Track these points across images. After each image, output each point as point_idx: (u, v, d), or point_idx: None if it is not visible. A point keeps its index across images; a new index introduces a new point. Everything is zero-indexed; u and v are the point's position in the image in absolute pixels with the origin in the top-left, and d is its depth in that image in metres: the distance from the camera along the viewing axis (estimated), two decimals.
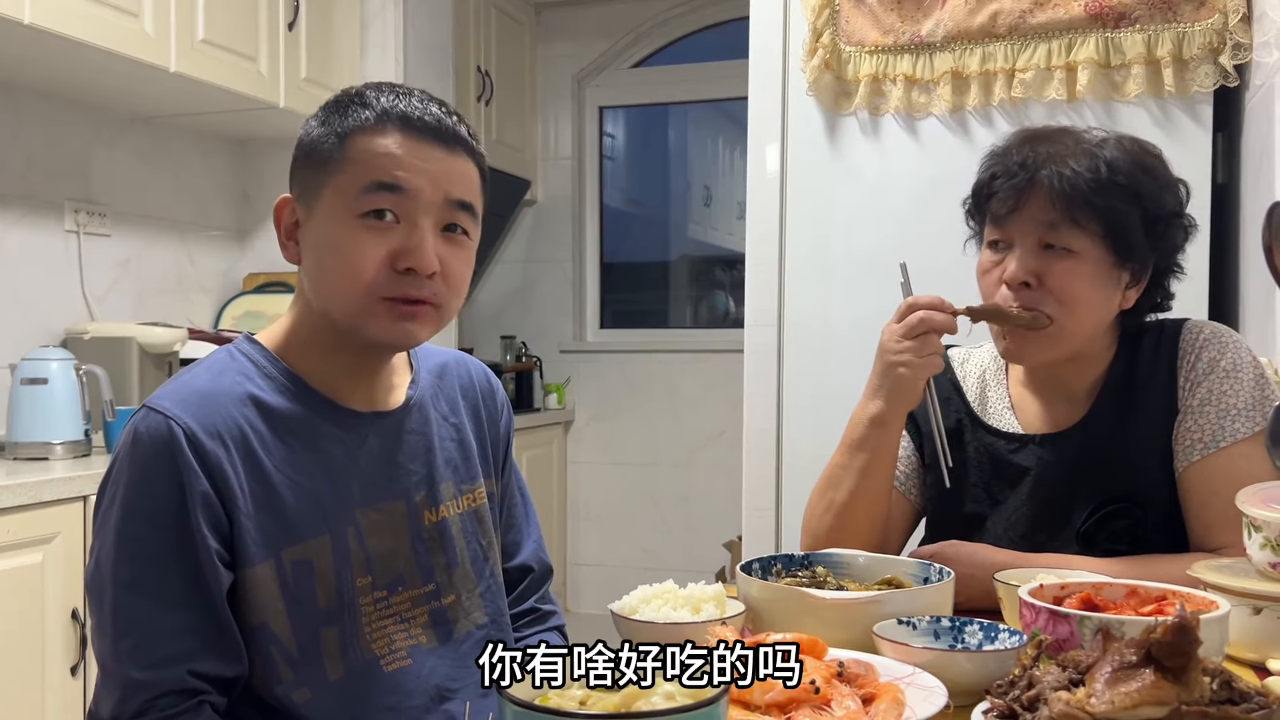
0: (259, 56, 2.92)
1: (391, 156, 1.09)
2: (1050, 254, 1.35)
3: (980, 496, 1.45)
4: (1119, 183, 1.33)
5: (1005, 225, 1.37)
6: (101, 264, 2.98)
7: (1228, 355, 1.37)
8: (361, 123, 1.11)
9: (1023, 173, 1.35)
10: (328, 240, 1.11)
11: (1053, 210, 1.33)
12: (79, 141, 2.92)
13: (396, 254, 1.09)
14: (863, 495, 1.41)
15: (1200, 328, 1.41)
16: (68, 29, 2.33)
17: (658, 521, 4.52)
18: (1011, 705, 0.81)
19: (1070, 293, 1.34)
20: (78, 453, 2.44)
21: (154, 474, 1.05)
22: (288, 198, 1.16)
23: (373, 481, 1.16)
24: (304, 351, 1.16)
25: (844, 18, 2.38)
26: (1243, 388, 1.35)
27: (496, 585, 1.27)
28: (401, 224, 1.10)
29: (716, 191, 4.94)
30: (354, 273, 1.09)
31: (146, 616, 1.04)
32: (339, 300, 1.11)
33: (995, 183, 1.37)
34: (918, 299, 1.38)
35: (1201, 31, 2.13)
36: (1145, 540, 1.35)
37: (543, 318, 4.68)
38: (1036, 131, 1.42)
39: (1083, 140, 1.37)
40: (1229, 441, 1.33)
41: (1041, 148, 1.36)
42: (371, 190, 1.09)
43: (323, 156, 1.12)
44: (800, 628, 1.01)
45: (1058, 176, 1.32)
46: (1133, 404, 1.40)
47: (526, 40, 4.53)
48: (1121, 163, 1.34)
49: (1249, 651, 1.09)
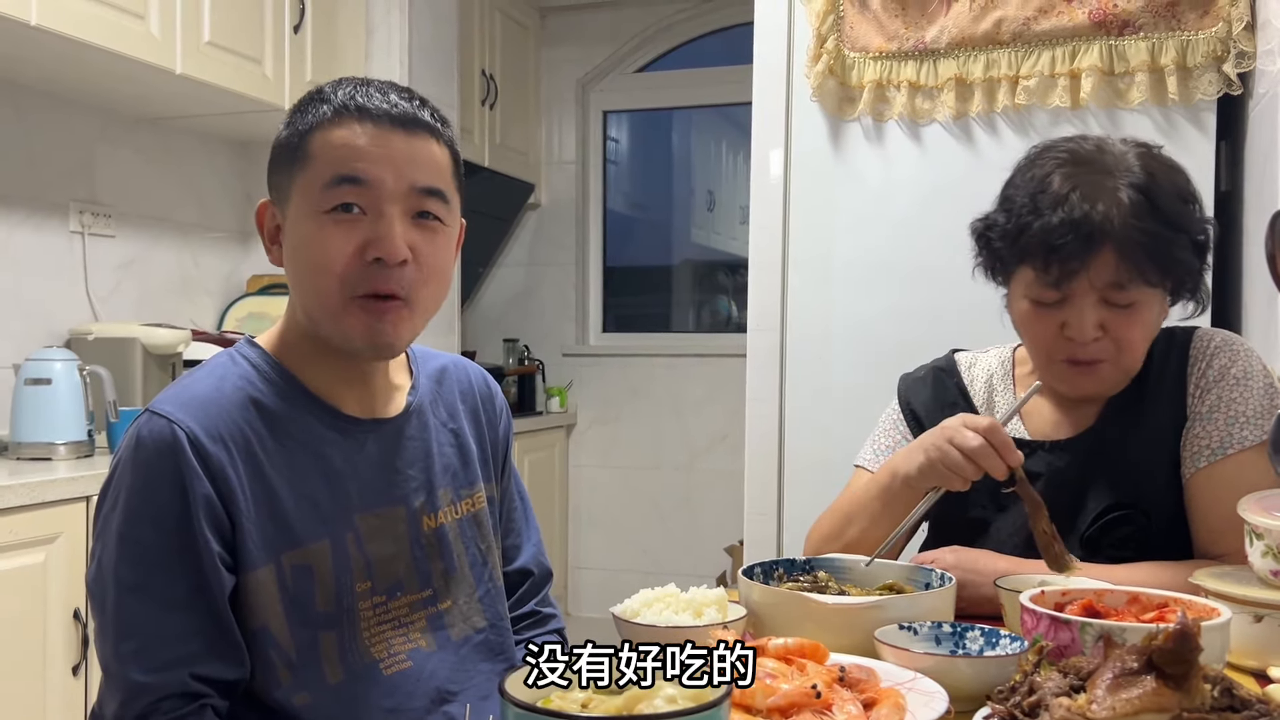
0: (264, 59, 2.93)
1: (351, 148, 1.09)
2: (1113, 307, 1.32)
3: (985, 502, 1.44)
4: (1172, 228, 1.29)
5: (1065, 283, 1.31)
6: (106, 265, 2.99)
7: (1239, 363, 1.37)
8: (320, 117, 1.11)
9: (1085, 238, 1.27)
10: (299, 239, 1.11)
11: (1121, 272, 1.29)
12: (84, 142, 2.93)
13: (364, 245, 1.08)
14: (874, 532, 1.40)
15: (1211, 336, 1.40)
16: (74, 30, 2.33)
17: (659, 526, 4.52)
18: (1012, 711, 0.82)
19: (1132, 340, 1.34)
20: (81, 453, 2.44)
21: (157, 477, 1.05)
22: (266, 202, 1.16)
23: (372, 487, 1.16)
24: (299, 355, 1.16)
25: (848, 24, 2.39)
26: (1252, 396, 1.35)
27: (496, 589, 1.27)
28: (368, 215, 1.09)
29: (720, 196, 4.95)
30: (325, 269, 1.08)
31: (149, 619, 1.04)
32: (315, 300, 1.11)
33: (1057, 247, 1.28)
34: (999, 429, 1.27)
35: (1205, 39, 2.13)
36: (1150, 546, 1.34)
37: (545, 321, 4.68)
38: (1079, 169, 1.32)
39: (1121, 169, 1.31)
40: (1236, 449, 1.33)
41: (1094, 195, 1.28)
42: (333, 185, 1.08)
43: (289, 156, 1.12)
44: (801, 632, 1.01)
45: (1127, 232, 1.27)
46: (1142, 411, 1.40)
47: (531, 44, 4.54)
48: (1167, 202, 1.30)
49: (1250, 659, 1.09)
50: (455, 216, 1.17)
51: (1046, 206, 1.30)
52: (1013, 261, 1.37)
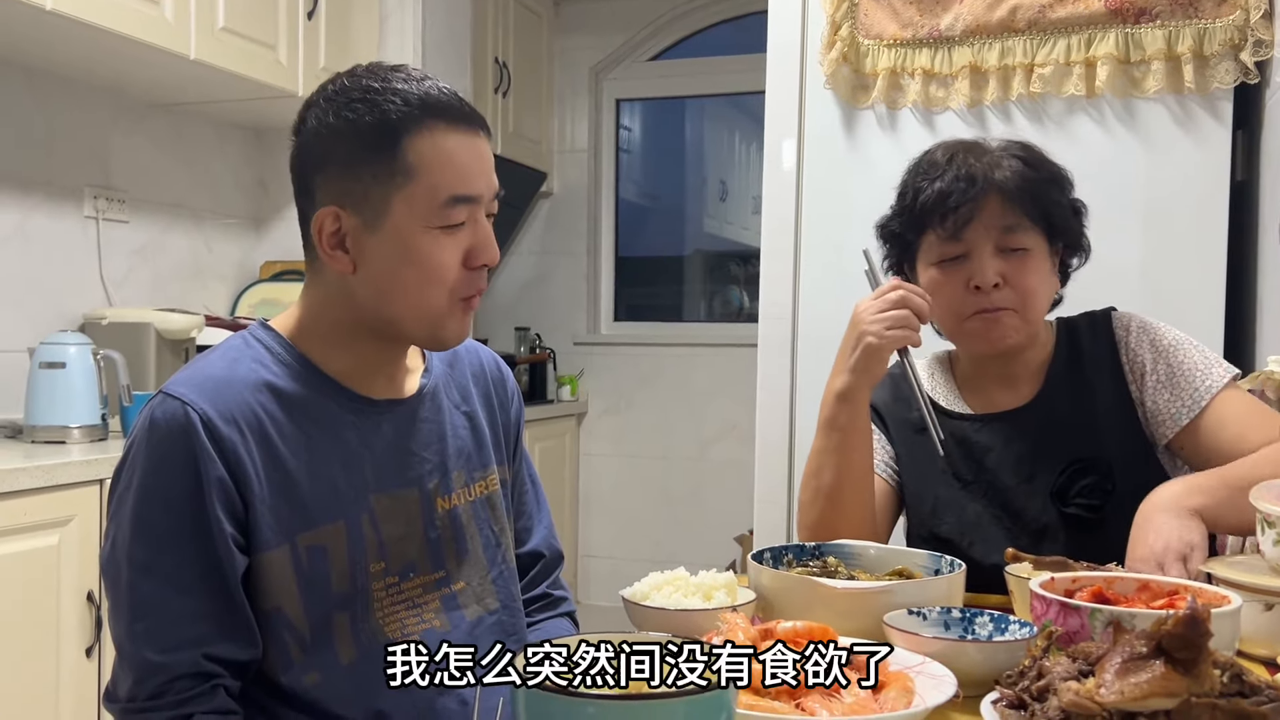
0: (278, 45, 2.94)
1: (456, 161, 1.09)
2: (1008, 255, 1.43)
3: (951, 481, 1.51)
4: (1042, 177, 1.45)
5: (962, 235, 1.43)
6: (120, 250, 3.00)
7: (1162, 335, 1.48)
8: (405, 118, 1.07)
9: (972, 185, 1.42)
10: (405, 252, 1.09)
11: (1009, 214, 1.42)
12: (99, 128, 2.94)
13: (469, 253, 1.11)
14: (845, 476, 1.44)
15: (1129, 317, 1.51)
16: (89, 16, 2.34)
17: (669, 514, 4.52)
18: (1021, 695, 0.81)
19: (1030, 288, 1.44)
20: (94, 436, 2.46)
21: (170, 459, 1.05)
22: (331, 209, 1.10)
23: (387, 468, 1.17)
24: (320, 341, 1.16)
25: (862, 11, 2.38)
26: (1192, 352, 1.46)
27: (509, 571, 1.28)
28: (467, 222, 1.11)
29: (732, 185, 4.94)
30: (438, 281, 1.10)
31: (162, 600, 1.05)
32: (419, 308, 1.11)
33: (949, 199, 1.43)
34: (903, 284, 1.43)
35: (1222, 28, 2.11)
36: (1114, 493, 1.42)
37: (557, 310, 4.68)
38: (956, 144, 1.50)
39: (994, 148, 1.48)
40: (1208, 396, 1.42)
41: (972, 158, 1.45)
42: (453, 204, 1.09)
43: (373, 161, 1.08)
44: (811, 617, 1.01)
45: (1008, 181, 1.42)
46: (1084, 380, 1.49)
47: (544, 32, 4.53)
48: (1032, 158, 1.46)
49: (1260, 647, 1.09)
50: None
51: (935, 175, 1.46)
52: (914, 235, 1.50)
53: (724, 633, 0.95)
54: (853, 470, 1.44)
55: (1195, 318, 1.52)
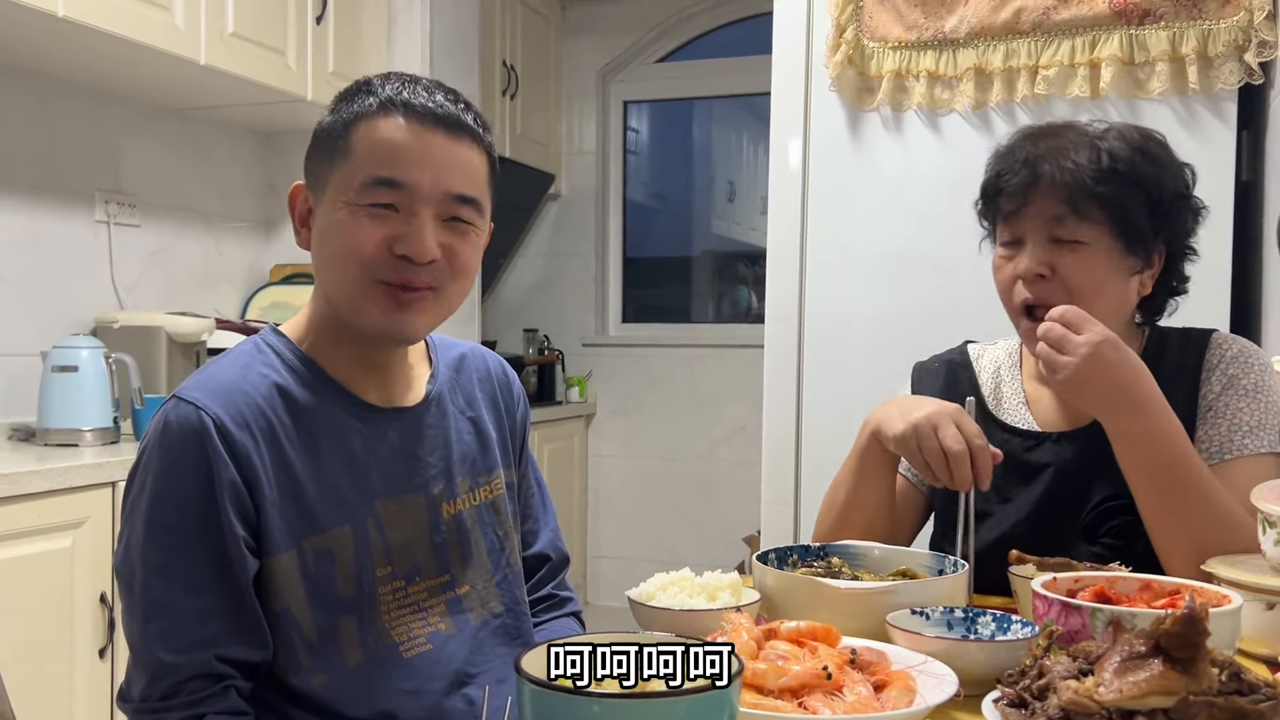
0: (287, 50, 2.95)
1: (392, 147, 1.10)
2: (1060, 247, 1.37)
3: (989, 495, 1.43)
4: (1119, 170, 1.35)
5: (1015, 222, 1.40)
6: (131, 254, 3.02)
7: (1251, 375, 1.38)
8: (364, 109, 1.12)
9: (1026, 170, 1.37)
10: (329, 225, 1.13)
11: (1058, 204, 1.36)
12: (109, 133, 2.96)
13: (394, 239, 1.10)
14: (859, 501, 1.43)
15: (1229, 343, 1.42)
16: (100, 22, 2.36)
17: (677, 515, 4.53)
18: (1021, 694, 0.82)
19: (1081, 283, 1.36)
20: (107, 439, 2.48)
21: (183, 463, 1.06)
22: (300, 185, 1.18)
23: (392, 474, 1.18)
24: (322, 343, 1.18)
25: (867, 13, 2.39)
26: (1258, 408, 1.37)
27: (514, 574, 1.29)
28: (401, 213, 1.11)
29: (740, 187, 4.94)
30: (351, 254, 1.10)
31: (174, 601, 1.06)
32: (339, 284, 1.13)
33: (1001, 180, 1.40)
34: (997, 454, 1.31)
35: (1226, 29, 2.12)
36: (1138, 535, 1.34)
37: (565, 311, 4.70)
38: (1038, 128, 1.44)
39: (1084, 132, 1.40)
40: (1234, 455, 1.34)
41: (1043, 143, 1.39)
42: (372, 185, 1.10)
43: (329, 144, 1.14)
44: (815, 617, 1.02)
45: (1059, 170, 1.35)
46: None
47: (552, 35, 4.55)
48: (1121, 150, 1.36)
49: (1261, 647, 1.10)
50: (486, 221, 1.19)
51: (1001, 157, 1.43)
52: (992, 219, 1.46)
53: (728, 633, 0.96)
54: (869, 498, 1.43)
55: (1199, 318, 1.51)
